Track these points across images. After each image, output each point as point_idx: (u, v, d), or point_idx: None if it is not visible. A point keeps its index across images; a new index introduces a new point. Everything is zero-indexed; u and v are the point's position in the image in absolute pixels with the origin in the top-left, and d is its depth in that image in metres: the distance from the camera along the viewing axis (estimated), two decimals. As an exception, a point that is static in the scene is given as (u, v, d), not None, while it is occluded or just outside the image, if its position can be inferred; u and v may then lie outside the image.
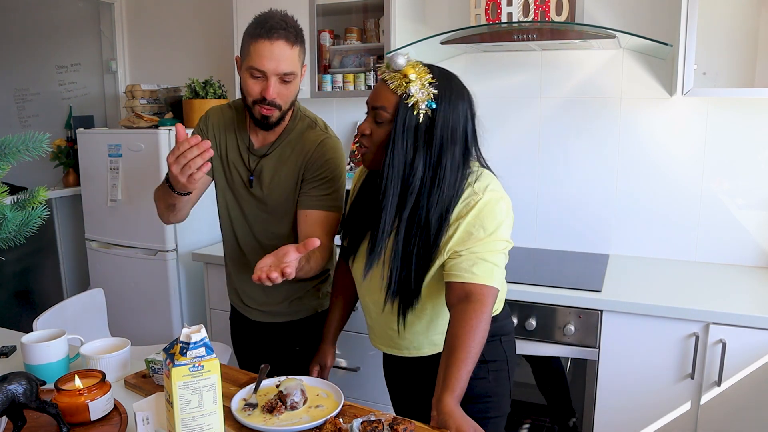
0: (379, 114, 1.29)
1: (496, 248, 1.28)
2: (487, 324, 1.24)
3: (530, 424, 2.30)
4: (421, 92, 1.26)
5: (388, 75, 1.28)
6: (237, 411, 1.17)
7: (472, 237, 1.28)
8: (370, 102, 1.32)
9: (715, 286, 2.10)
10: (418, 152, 1.28)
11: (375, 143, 1.32)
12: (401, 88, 1.26)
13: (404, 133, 1.27)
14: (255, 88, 1.49)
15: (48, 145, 1.01)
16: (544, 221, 2.59)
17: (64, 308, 1.99)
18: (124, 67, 3.45)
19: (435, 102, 1.27)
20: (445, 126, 1.28)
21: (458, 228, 1.29)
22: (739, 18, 2.17)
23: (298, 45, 1.49)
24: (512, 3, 2.26)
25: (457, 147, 1.30)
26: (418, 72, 1.27)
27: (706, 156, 2.32)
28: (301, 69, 1.54)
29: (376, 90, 1.32)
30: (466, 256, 1.27)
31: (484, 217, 1.29)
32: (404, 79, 1.26)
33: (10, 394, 1.06)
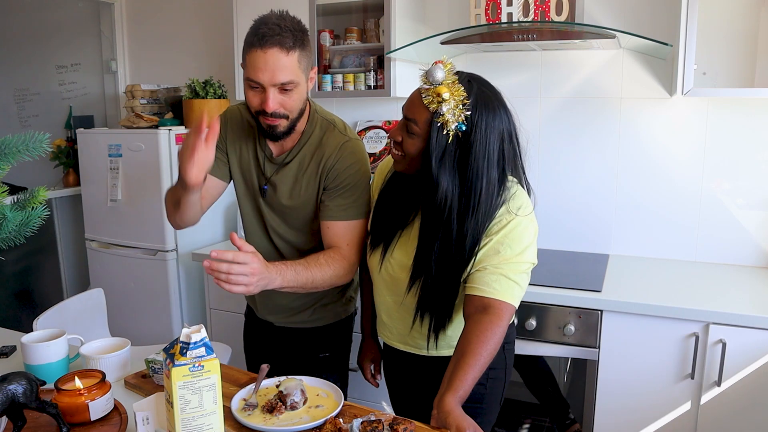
0: (410, 126, 1.28)
1: (520, 268, 1.29)
2: (500, 337, 1.26)
3: (530, 424, 2.30)
4: (452, 113, 1.22)
5: (424, 88, 1.25)
6: (237, 411, 1.17)
7: (499, 255, 1.28)
8: (404, 110, 1.30)
9: (715, 286, 2.10)
10: (451, 175, 1.25)
11: (408, 154, 1.30)
12: (433, 105, 1.23)
13: (437, 154, 1.24)
14: (255, 99, 1.40)
15: (48, 145, 1.01)
16: (544, 221, 2.57)
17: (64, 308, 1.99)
18: (124, 67, 3.45)
19: (465, 125, 1.23)
20: (480, 150, 1.24)
21: (487, 244, 1.29)
22: (739, 18, 2.17)
23: (297, 49, 1.36)
24: (512, 3, 2.26)
25: (493, 171, 1.27)
26: (453, 91, 1.22)
27: (706, 156, 2.32)
28: (307, 72, 1.43)
29: (412, 100, 1.29)
30: (491, 271, 1.27)
31: (514, 238, 1.28)
32: (438, 98, 1.22)
33: (10, 394, 1.06)
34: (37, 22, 3.68)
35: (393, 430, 1.07)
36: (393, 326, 1.48)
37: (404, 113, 1.30)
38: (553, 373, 2.29)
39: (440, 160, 1.24)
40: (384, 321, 1.51)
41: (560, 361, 2.25)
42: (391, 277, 1.42)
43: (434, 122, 1.23)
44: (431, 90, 1.23)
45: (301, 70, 1.40)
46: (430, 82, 1.24)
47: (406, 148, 1.29)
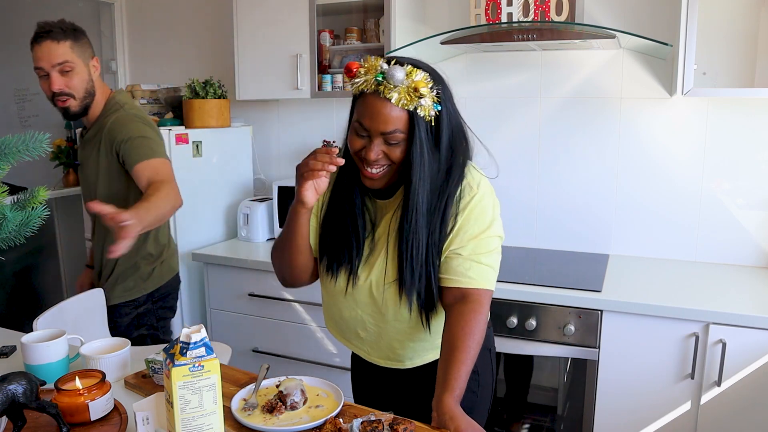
0: (391, 137, 1.20)
1: (490, 246, 1.28)
2: (484, 324, 1.25)
3: (530, 424, 2.30)
4: (428, 100, 1.18)
5: (390, 93, 1.16)
6: (237, 411, 1.17)
7: (468, 233, 1.26)
8: (377, 129, 1.19)
9: (715, 286, 2.10)
10: (437, 157, 1.23)
11: (396, 162, 1.23)
12: (411, 103, 1.17)
13: (426, 146, 1.20)
14: (44, 87, 1.80)
15: (48, 145, 1.01)
16: (544, 221, 2.59)
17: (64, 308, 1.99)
18: (124, 67, 3.44)
19: (439, 104, 1.21)
20: (450, 123, 1.24)
21: (456, 224, 1.27)
22: (739, 18, 2.17)
23: (69, 39, 1.81)
24: (512, 3, 2.26)
25: (463, 140, 1.28)
26: (424, 81, 1.18)
27: (706, 156, 2.32)
28: (86, 59, 1.84)
29: (379, 113, 1.18)
30: (463, 258, 1.26)
31: (480, 213, 1.27)
32: (416, 94, 1.17)
33: (10, 394, 1.06)
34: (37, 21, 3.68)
35: (393, 430, 1.07)
36: (371, 341, 1.40)
37: (375, 130, 1.19)
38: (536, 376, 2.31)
39: (428, 145, 1.21)
40: (360, 336, 1.41)
41: (560, 361, 2.25)
42: (368, 297, 1.34)
43: (417, 119, 1.18)
44: (401, 90, 1.16)
45: (77, 56, 1.81)
46: (392, 85, 1.16)
47: (393, 158, 1.22)
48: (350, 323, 1.40)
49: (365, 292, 1.34)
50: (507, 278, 2.14)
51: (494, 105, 2.60)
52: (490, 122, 2.60)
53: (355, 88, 1.22)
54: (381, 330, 1.37)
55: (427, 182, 1.23)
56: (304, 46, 2.57)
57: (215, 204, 2.91)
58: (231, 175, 2.98)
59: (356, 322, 1.39)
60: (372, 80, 1.18)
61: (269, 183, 3.07)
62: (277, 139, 3.10)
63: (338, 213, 1.34)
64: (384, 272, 1.31)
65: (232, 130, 2.94)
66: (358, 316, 1.38)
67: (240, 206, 2.85)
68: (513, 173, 2.59)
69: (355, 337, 1.43)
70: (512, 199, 2.60)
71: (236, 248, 2.74)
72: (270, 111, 3.09)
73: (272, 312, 2.55)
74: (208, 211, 2.88)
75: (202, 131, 2.77)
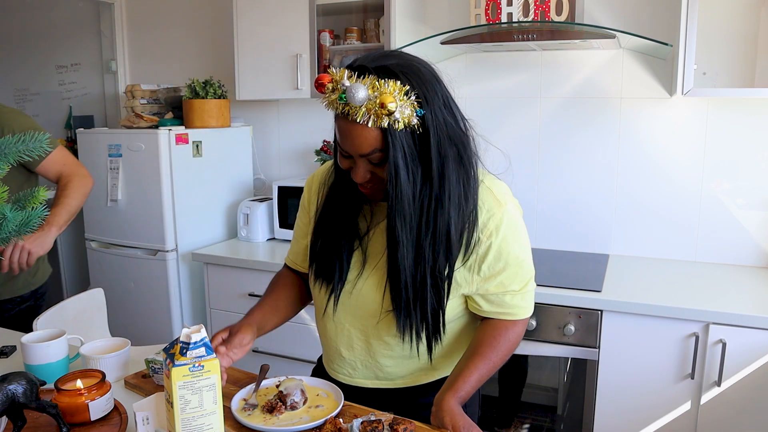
0: (374, 157, 1.08)
1: (530, 269, 1.22)
2: (514, 344, 1.22)
3: (530, 424, 2.30)
4: (404, 109, 1.04)
5: (356, 114, 1.04)
6: (237, 411, 1.17)
7: (509, 257, 1.18)
8: (355, 152, 1.09)
9: (715, 286, 2.10)
10: (420, 172, 1.10)
11: (382, 180, 1.13)
12: (382, 120, 1.03)
13: (405, 161, 1.07)
14: None
15: (48, 145, 1.01)
16: (544, 221, 2.59)
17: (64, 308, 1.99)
18: (124, 67, 3.44)
19: (419, 109, 1.06)
20: (437, 127, 1.08)
21: (491, 247, 1.17)
22: (739, 18, 2.17)
23: None
24: (512, 3, 2.26)
25: (457, 147, 1.12)
26: (392, 93, 1.03)
27: (706, 156, 2.32)
28: None
29: (352, 137, 1.07)
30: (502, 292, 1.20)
31: (516, 233, 1.19)
32: (383, 111, 1.02)
33: (10, 394, 1.06)
34: (37, 22, 3.68)
35: (393, 430, 1.07)
36: (357, 359, 1.30)
37: (354, 153, 1.09)
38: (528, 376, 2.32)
39: (409, 159, 1.08)
40: (344, 356, 1.31)
41: (560, 361, 2.25)
42: (360, 309, 1.25)
43: (392, 134, 1.05)
44: (367, 108, 1.03)
45: None
46: (353, 106, 1.04)
47: (382, 176, 1.11)
48: (332, 340, 1.31)
49: (356, 303, 1.25)
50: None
51: (494, 105, 2.60)
52: (490, 122, 2.60)
53: (326, 106, 1.10)
54: (370, 347, 1.27)
55: (412, 204, 1.10)
56: (304, 46, 2.57)
57: (215, 204, 2.91)
58: (231, 175, 2.98)
59: (340, 339, 1.29)
60: (336, 100, 1.06)
61: (269, 183, 3.08)
62: (277, 139, 3.10)
63: (332, 218, 1.25)
64: (379, 286, 1.21)
65: (232, 130, 2.94)
66: (344, 330, 1.28)
67: (240, 206, 2.85)
68: (513, 173, 2.58)
69: (336, 357, 1.32)
70: (512, 199, 2.60)
71: (236, 248, 2.74)
72: (270, 111, 3.09)
73: (272, 312, 2.55)
74: (208, 211, 2.88)
75: (202, 131, 2.77)
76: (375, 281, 1.22)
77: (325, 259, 1.25)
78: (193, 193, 2.76)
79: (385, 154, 1.07)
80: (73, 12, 3.55)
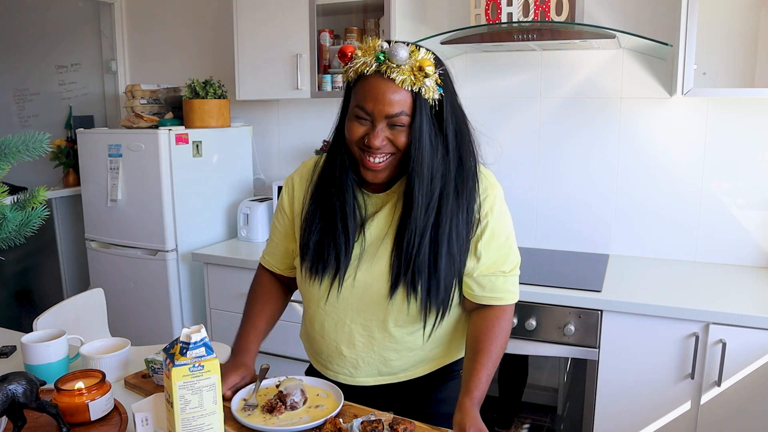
0: (399, 120, 1.11)
1: (513, 249, 1.27)
2: (508, 329, 1.26)
3: (530, 424, 2.30)
4: (432, 81, 1.10)
5: (393, 72, 1.08)
6: (237, 411, 1.17)
7: (499, 238, 1.23)
8: (381, 111, 1.10)
9: (715, 286, 2.10)
10: (442, 146, 1.14)
11: (400, 150, 1.14)
12: (417, 83, 1.09)
13: (428, 128, 1.12)
14: None
15: (48, 145, 1.01)
16: (544, 221, 2.59)
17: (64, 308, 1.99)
18: (124, 67, 3.44)
19: (442, 87, 1.13)
20: (454, 108, 1.16)
21: (487, 226, 1.22)
22: (739, 18, 2.17)
23: None
24: (512, 3, 2.26)
25: (469, 127, 1.19)
26: (429, 60, 1.10)
27: (706, 156, 2.32)
28: None
29: (384, 95, 1.09)
30: (494, 273, 1.24)
31: (503, 212, 1.24)
32: (420, 73, 1.08)
33: (10, 394, 1.06)
34: (37, 22, 3.68)
35: (393, 430, 1.07)
36: (359, 357, 1.28)
37: (379, 113, 1.11)
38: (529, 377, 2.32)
39: (431, 131, 1.13)
40: (345, 355, 1.28)
41: (560, 361, 2.25)
42: (361, 302, 1.24)
43: (420, 101, 1.10)
44: (404, 69, 1.08)
45: None
46: (396, 63, 1.08)
47: (399, 144, 1.13)
48: (331, 339, 1.29)
49: (358, 296, 1.24)
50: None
51: (494, 105, 2.60)
52: (490, 122, 2.60)
53: (353, 71, 1.12)
54: (373, 341, 1.26)
55: (432, 170, 1.13)
56: (304, 46, 2.57)
57: (215, 204, 2.91)
58: (231, 175, 2.98)
59: (340, 337, 1.28)
60: (372, 60, 1.09)
61: (269, 183, 3.08)
62: (277, 139, 3.11)
63: (325, 210, 1.23)
64: (383, 273, 1.21)
65: (232, 130, 2.94)
66: (344, 327, 1.27)
67: (240, 206, 2.85)
68: (513, 173, 2.59)
69: (335, 357, 1.30)
70: (512, 199, 2.58)
71: (236, 248, 2.74)
72: (270, 111, 3.09)
73: (272, 312, 2.55)
74: (208, 211, 2.88)
75: (202, 131, 2.77)
76: (378, 270, 1.22)
77: (322, 252, 1.23)
78: (193, 193, 2.76)
79: (413, 118, 1.11)
80: (73, 12, 3.55)
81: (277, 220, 1.39)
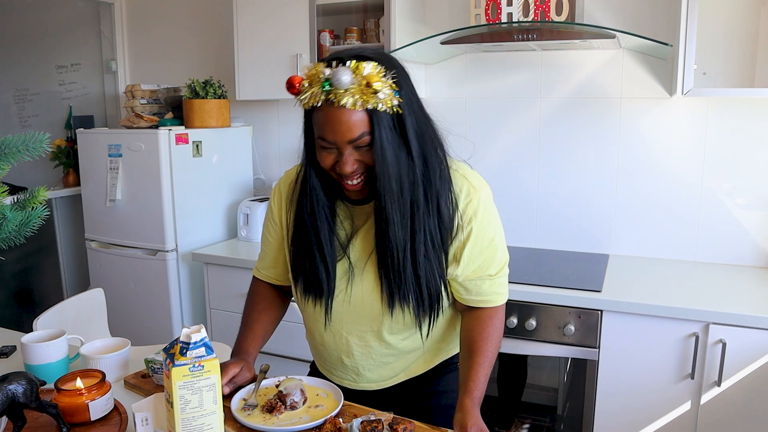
0: (362, 141, 1.09)
1: (501, 255, 1.25)
2: (501, 327, 1.27)
3: (530, 424, 2.30)
4: (385, 89, 1.06)
5: (343, 98, 1.05)
6: (237, 411, 1.17)
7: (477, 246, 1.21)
8: (342, 139, 1.08)
9: (715, 286, 2.10)
10: (405, 153, 1.12)
11: (369, 170, 1.14)
12: (369, 100, 1.05)
13: (389, 142, 1.09)
14: None
15: (48, 145, 1.01)
16: (544, 221, 2.59)
17: (64, 308, 1.99)
18: (124, 67, 3.45)
19: (397, 91, 1.09)
20: (413, 108, 1.12)
21: (471, 232, 1.20)
22: (739, 18, 2.17)
23: None
24: (512, 3, 2.26)
25: (431, 124, 1.17)
26: (377, 74, 1.06)
27: (706, 156, 2.32)
28: None
29: (340, 123, 1.06)
30: (480, 277, 1.23)
31: (488, 216, 1.22)
32: (369, 90, 1.05)
33: (10, 394, 1.06)
34: (37, 22, 3.68)
35: (393, 429, 1.07)
36: (359, 366, 1.31)
37: (342, 141, 1.08)
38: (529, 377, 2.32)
39: (393, 140, 1.10)
40: (345, 364, 1.31)
41: (560, 361, 2.25)
42: (356, 315, 1.26)
43: (376, 115, 1.07)
44: (353, 91, 1.05)
45: None
46: (341, 88, 1.05)
47: (369, 162, 1.11)
48: (332, 350, 1.32)
49: (353, 310, 1.25)
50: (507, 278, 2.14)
51: (494, 105, 2.60)
52: (490, 122, 2.60)
53: (304, 105, 1.10)
54: (371, 350, 1.28)
55: (400, 182, 1.12)
56: (304, 46, 2.57)
57: (215, 204, 2.91)
58: (231, 175, 2.98)
59: (339, 347, 1.30)
60: (318, 91, 1.07)
61: (269, 183, 3.08)
62: (277, 139, 3.11)
63: (308, 232, 1.22)
64: (374, 287, 1.22)
65: (232, 130, 2.94)
66: (342, 339, 1.29)
67: (240, 206, 2.85)
68: (513, 173, 2.59)
69: (338, 365, 1.33)
70: (512, 199, 2.60)
71: (236, 248, 2.74)
72: (270, 111, 3.09)
73: (272, 312, 2.55)
74: (208, 211, 2.88)
75: (202, 131, 2.77)
76: (370, 283, 1.23)
77: (311, 275, 1.24)
78: (193, 193, 2.76)
79: (372, 137, 1.08)
80: (73, 12, 3.56)
81: (268, 232, 1.39)
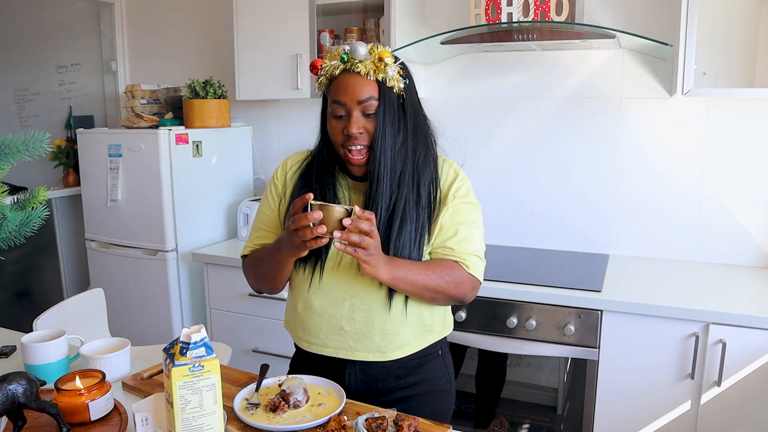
0: (370, 105, 1.25)
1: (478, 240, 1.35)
2: (461, 283, 1.31)
3: (530, 424, 2.30)
4: (393, 72, 1.27)
5: (357, 66, 1.25)
6: (240, 411, 1.17)
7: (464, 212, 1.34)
8: (352, 98, 1.25)
9: (715, 286, 2.10)
10: (403, 131, 1.29)
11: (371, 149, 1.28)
12: (380, 72, 1.25)
13: (392, 117, 1.27)
14: None
15: (48, 145, 1.01)
16: (544, 221, 2.59)
17: (64, 308, 1.99)
18: (124, 67, 3.44)
19: (406, 78, 1.30)
20: (413, 98, 1.32)
21: (458, 207, 1.33)
22: (739, 18, 2.17)
23: None
24: (512, 3, 2.26)
25: (428, 123, 1.36)
26: (388, 52, 1.27)
27: (706, 156, 2.32)
28: None
29: (353, 85, 1.25)
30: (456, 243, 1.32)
31: (476, 206, 1.37)
32: (380, 63, 1.25)
33: (10, 394, 1.06)
34: (37, 22, 3.68)
35: (397, 426, 1.08)
36: (359, 331, 1.32)
37: (351, 101, 1.25)
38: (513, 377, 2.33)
39: (395, 118, 1.27)
40: (345, 330, 1.33)
41: (560, 361, 2.25)
42: (355, 276, 1.30)
43: (385, 89, 1.26)
44: (367, 62, 1.25)
45: None
46: (358, 59, 1.25)
47: (370, 130, 1.27)
48: (332, 316, 1.33)
49: (353, 273, 1.30)
50: (507, 278, 2.14)
51: (494, 105, 2.60)
52: (490, 122, 2.60)
53: (324, 77, 1.29)
54: (373, 314, 1.31)
55: (393, 150, 1.27)
56: (304, 46, 2.57)
57: (215, 204, 2.91)
58: (231, 175, 2.98)
59: (341, 312, 1.32)
60: (338, 63, 1.27)
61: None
62: (277, 139, 3.11)
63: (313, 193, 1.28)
64: None
65: (232, 130, 2.94)
66: (344, 303, 1.31)
67: (240, 206, 2.85)
68: (513, 173, 2.59)
69: (335, 333, 1.33)
70: (512, 199, 2.60)
71: (236, 248, 2.74)
72: (270, 111, 3.09)
73: (272, 312, 2.55)
74: (208, 211, 2.88)
75: (202, 131, 2.77)
76: None
77: None
78: (193, 193, 2.76)
79: (378, 103, 1.25)
80: (73, 12, 3.55)
81: (266, 206, 1.46)
